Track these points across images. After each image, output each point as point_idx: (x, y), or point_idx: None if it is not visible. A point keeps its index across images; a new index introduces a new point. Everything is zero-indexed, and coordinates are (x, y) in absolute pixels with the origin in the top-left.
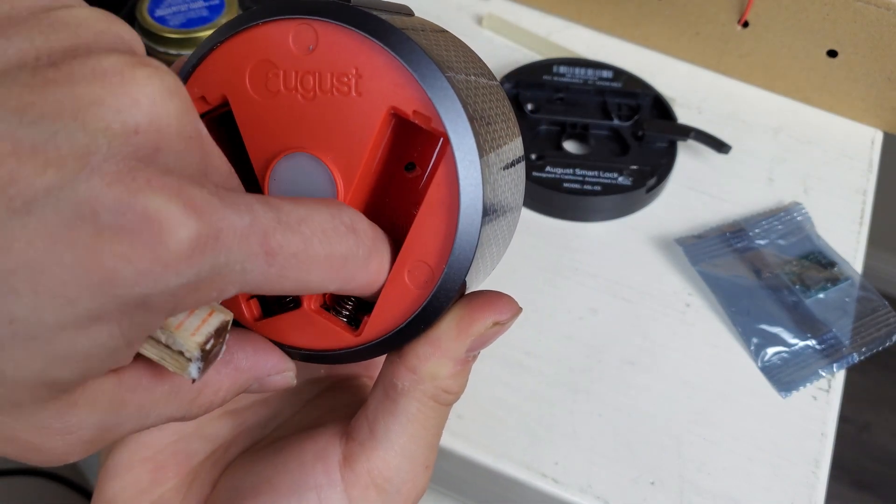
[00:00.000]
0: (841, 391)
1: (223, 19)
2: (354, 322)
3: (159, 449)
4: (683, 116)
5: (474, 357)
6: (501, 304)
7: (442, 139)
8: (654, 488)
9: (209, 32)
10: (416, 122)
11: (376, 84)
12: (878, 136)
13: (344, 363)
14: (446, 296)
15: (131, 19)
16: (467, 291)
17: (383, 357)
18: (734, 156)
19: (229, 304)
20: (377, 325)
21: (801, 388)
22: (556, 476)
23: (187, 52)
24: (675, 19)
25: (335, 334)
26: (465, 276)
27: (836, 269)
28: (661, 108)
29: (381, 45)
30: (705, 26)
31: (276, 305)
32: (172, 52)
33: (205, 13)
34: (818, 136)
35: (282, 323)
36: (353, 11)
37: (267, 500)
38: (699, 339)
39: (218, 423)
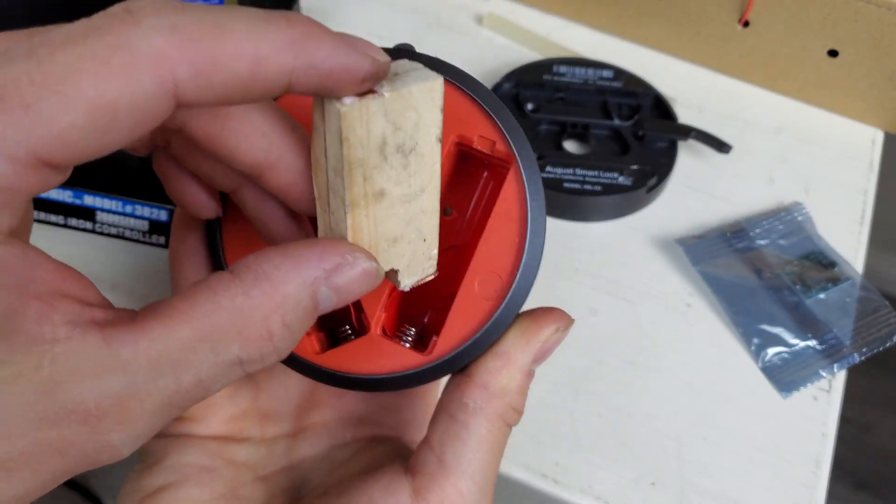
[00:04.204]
0: (842, 391)
1: None
2: (418, 348)
3: None
4: (684, 116)
5: (533, 374)
6: (559, 313)
7: (503, 159)
8: (654, 489)
9: None
10: (480, 147)
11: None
12: (879, 136)
13: (414, 385)
14: (516, 305)
15: None
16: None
17: (427, 412)
18: (735, 155)
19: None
20: (448, 340)
21: (802, 388)
22: (556, 477)
23: None
24: (676, 19)
25: (405, 355)
26: (533, 284)
27: (836, 269)
28: (661, 107)
29: (447, 79)
30: (706, 26)
31: (338, 336)
32: None
33: None
34: (819, 135)
35: (348, 351)
36: (413, 54)
37: None
38: (700, 339)
39: (252, 487)
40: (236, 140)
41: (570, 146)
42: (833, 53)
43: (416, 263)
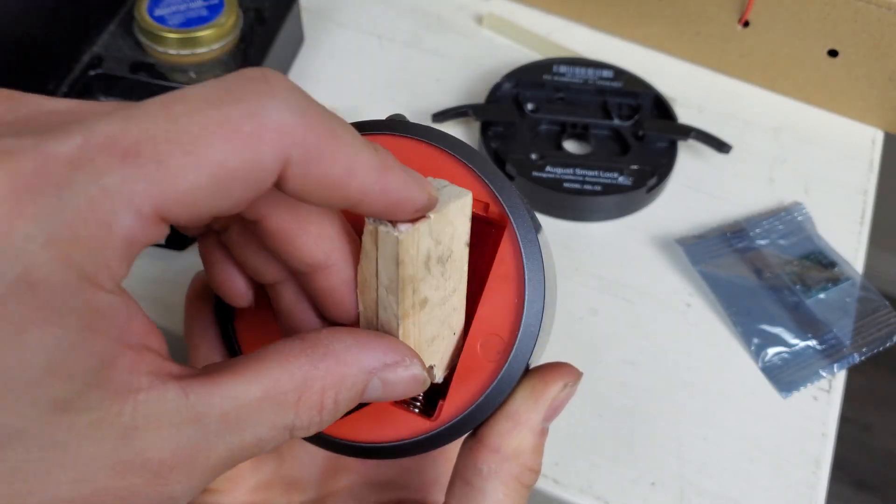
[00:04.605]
0: (842, 391)
1: (222, 19)
2: (427, 413)
3: None
4: (684, 116)
5: (546, 432)
6: (567, 369)
7: (499, 219)
8: (654, 489)
9: (209, 32)
10: (474, 210)
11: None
12: (879, 136)
13: (423, 452)
14: (520, 365)
15: (130, 19)
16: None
17: (450, 471)
18: (735, 155)
19: None
20: (454, 403)
21: (802, 388)
22: (556, 477)
23: (187, 52)
24: (676, 19)
25: (413, 421)
26: (535, 343)
27: (836, 269)
28: (661, 107)
29: (438, 147)
30: (706, 26)
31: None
32: (172, 51)
33: (204, 13)
34: (819, 135)
35: (357, 420)
36: (406, 124)
37: None
38: (700, 339)
39: None
40: (305, 239)
41: (570, 146)
42: (833, 53)
43: (448, 356)
